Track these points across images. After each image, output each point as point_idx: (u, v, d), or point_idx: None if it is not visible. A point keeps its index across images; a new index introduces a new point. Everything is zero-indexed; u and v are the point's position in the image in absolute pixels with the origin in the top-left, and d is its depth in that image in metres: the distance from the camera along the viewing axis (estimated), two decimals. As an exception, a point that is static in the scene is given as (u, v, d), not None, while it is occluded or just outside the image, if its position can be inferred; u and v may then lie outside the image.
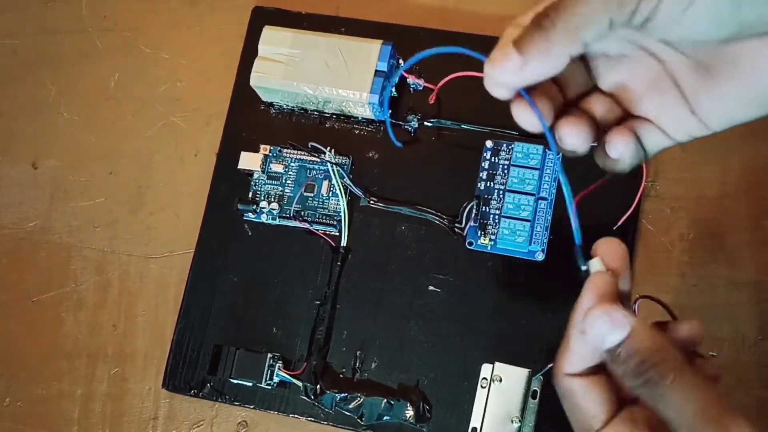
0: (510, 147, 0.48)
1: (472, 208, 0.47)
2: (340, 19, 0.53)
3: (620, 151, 0.32)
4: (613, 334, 0.29)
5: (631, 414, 0.32)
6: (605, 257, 0.32)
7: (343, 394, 0.47)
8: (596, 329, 0.29)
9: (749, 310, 0.45)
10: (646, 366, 0.28)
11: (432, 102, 0.50)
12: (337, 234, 0.49)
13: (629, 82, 0.32)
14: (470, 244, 0.48)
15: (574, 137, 0.32)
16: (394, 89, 0.50)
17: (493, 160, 0.49)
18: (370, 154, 0.51)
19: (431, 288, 0.48)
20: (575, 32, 0.28)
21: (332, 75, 0.49)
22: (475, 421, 0.45)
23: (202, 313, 0.50)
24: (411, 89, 0.51)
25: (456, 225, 0.48)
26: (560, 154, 0.33)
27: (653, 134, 0.32)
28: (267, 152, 0.51)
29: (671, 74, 0.31)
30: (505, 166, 0.48)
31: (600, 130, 0.33)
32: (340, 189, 0.49)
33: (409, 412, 0.46)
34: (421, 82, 0.50)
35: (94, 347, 0.52)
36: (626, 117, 0.33)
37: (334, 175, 0.49)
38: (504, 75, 0.29)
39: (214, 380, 0.49)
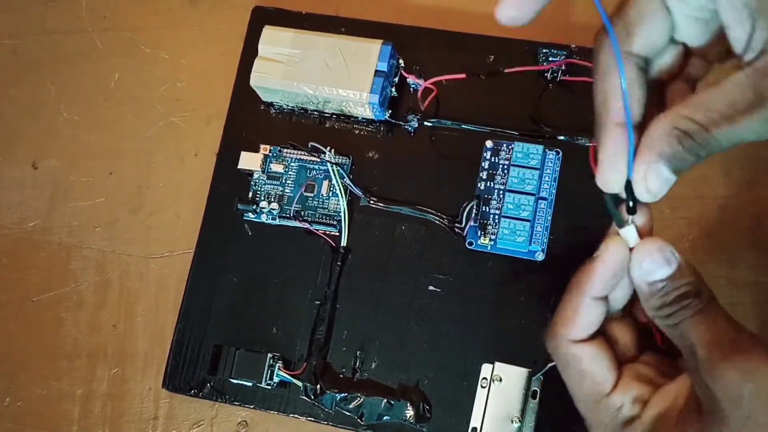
0: (510, 147, 0.49)
1: (472, 208, 0.47)
2: (340, 19, 0.53)
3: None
4: (663, 270, 0.30)
5: (632, 371, 0.32)
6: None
7: (343, 394, 0.47)
8: (647, 264, 0.30)
9: (749, 310, 0.45)
10: (689, 296, 0.29)
11: (423, 107, 0.50)
12: (337, 234, 0.49)
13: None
14: (470, 244, 0.48)
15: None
16: (393, 89, 0.50)
17: (493, 160, 0.49)
18: (370, 154, 0.51)
19: (431, 288, 0.48)
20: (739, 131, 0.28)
21: (332, 75, 0.49)
22: (475, 421, 0.45)
23: (202, 313, 0.50)
24: (411, 89, 0.51)
25: (456, 225, 0.48)
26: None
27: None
28: (267, 152, 0.51)
29: None
30: (505, 166, 0.48)
31: None
32: (340, 189, 0.49)
33: (409, 412, 0.46)
34: (421, 82, 0.50)
35: (94, 347, 0.52)
36: None
37: (334, 175, 0.49)
38: (657, 194, 0.30)
39: (214, 380, 0.49)
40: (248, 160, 0.51)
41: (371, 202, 0.49)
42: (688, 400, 0.30)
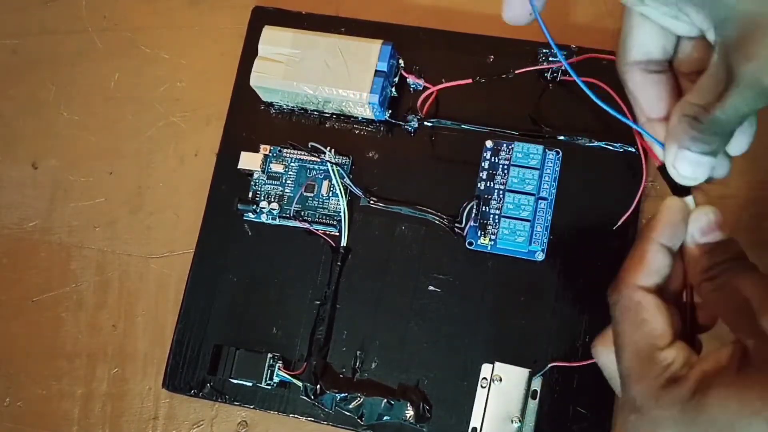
0: (510, 147, 0.49)
1: (472, 208, 0.47)
2: (340, 19, 0.53)
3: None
4: (716, 233, 0.32)
5: (681, 339, 0.32)
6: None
7: (343, 394, 0.47)
8: (703, 224, 0.32)
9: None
10: (738, 258, 0.32)
11: (423, 113, 0.50)
12: (337, 234, 0.49)
13: None
14: (470, 244, 0.48)
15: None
16: (393, 89, 0.50)
17: (493, 160, 0.49)
18: (370, 154, 0.51)
19: (431, 288, 0.48)
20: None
21: (332, 75, 0.49)
22: (475, 421, 0.45)
23: (202, 313, 0.50)
24: (411, 89, 0.51)
25: (456, 225, 0.48)
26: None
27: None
28: (267, 152, 0.51)
29: None
30: (505, 166, 0.48)
31: None
32: (340, 189, 0.49)
33: (409, 412, 0.46)
34: (421, 82, 0.50)
35: (94, 347, 0.52)
36: None
37: (334, 175, 0.49)
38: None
39: (214, 380, 0.49)
40: (248, 160, 0.51)
41: (371, 202, 0.49)
42: (731, 360, 0.30)
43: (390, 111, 0.50)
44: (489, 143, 0.49)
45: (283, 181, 0.51)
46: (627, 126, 0.34)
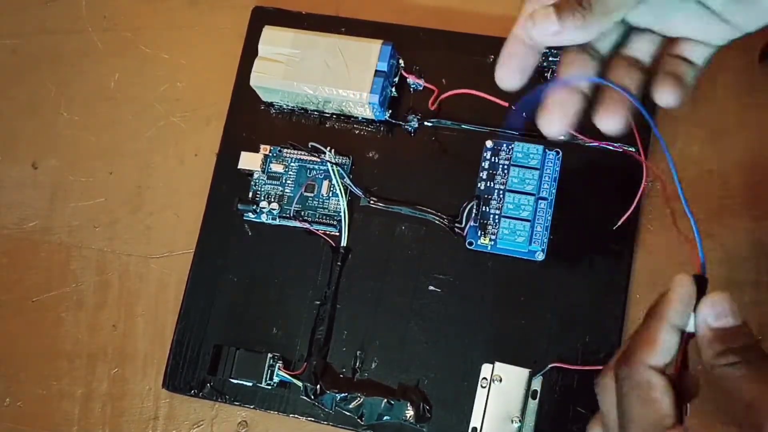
0: (510, 147, 0.49)
1: (472, 208, 0.47)
2: (340, 19, 0.53)
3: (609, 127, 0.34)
4: (730, 318, 0.32)
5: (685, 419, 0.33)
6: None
7: (343, 394, 0.47)
8: (717, 308, 0.32)
9: (749, 310, 0.45)
10: (750, 348, 0.31)
11: (433, 107, 0.50)
12: (337, 234, 0.49)
13: (660, 18, 0.34)
14: (470, 244, 0.48)
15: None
16: (393, 89, 0.50)
17: (493, 160, 0.49)
18: (370, 154, 0.51)
19: (431, 288, 0.48)
20: (610, 14, 0.31)
21: (332, 75, 0.49)
22: (475, 421, 0.45)
23: (202, 313, 0.50)
24: (411, 89, 0.51)
25: (456, 225, 0.48)
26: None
27: (695, 48, 0.34)
28: (267, 152, 0.51)
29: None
30: (505, 166, 0.48)
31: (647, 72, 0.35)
32: (340, 189, 0.49)
33: (409, 412, 0.46)
34: (421, 82, 0.50)
35: (94, 347, 0.52)
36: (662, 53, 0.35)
37: (334, 175, 0.49)
38: (540, 35, 0.32)
39: (214, 380, 0.49)
40: (248, 160, 0.51)
41: (371, 202, 0.49)
42: None
43: (390, 111, 0.50)
44: (489, 143, 0.49)
45: (283, 181, 0.51)
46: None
